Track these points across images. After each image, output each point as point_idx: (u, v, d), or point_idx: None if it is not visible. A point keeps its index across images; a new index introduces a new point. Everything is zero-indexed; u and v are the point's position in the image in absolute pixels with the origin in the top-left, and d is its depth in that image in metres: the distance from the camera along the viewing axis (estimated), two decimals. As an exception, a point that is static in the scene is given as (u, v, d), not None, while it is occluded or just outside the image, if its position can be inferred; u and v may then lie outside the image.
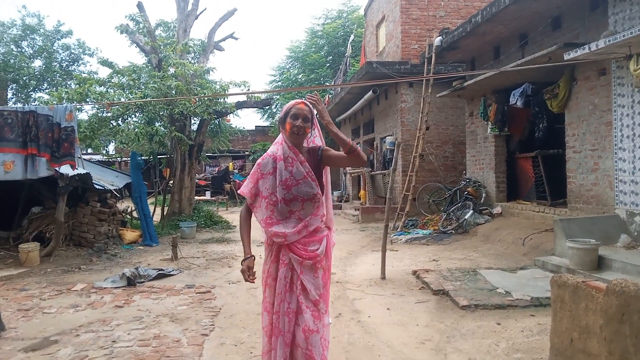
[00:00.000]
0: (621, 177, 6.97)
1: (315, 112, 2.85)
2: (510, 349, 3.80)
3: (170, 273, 6.94)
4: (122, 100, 10.81)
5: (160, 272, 6.84)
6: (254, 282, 2.82)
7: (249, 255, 2.80)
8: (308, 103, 2.84)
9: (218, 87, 11.98)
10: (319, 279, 2.78)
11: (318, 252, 2.75)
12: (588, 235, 6.42)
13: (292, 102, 2.89)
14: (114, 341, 4.14)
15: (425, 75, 11.66)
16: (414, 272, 6.57)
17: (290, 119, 2.79)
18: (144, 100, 10.40)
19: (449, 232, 10.08)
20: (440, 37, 11.44)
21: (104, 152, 17.07)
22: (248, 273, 2.79)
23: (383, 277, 6.42)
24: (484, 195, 10.92)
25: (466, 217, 10.14)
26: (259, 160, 2.87)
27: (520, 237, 8.06)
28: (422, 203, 12.61)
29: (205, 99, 11.35)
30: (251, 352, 3.88)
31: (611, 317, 2.72)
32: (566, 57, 6.84)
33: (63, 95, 10.87)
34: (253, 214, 2.86)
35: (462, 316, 4.70)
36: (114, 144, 17.30)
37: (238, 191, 2.94)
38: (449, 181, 13.03)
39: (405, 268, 7.04)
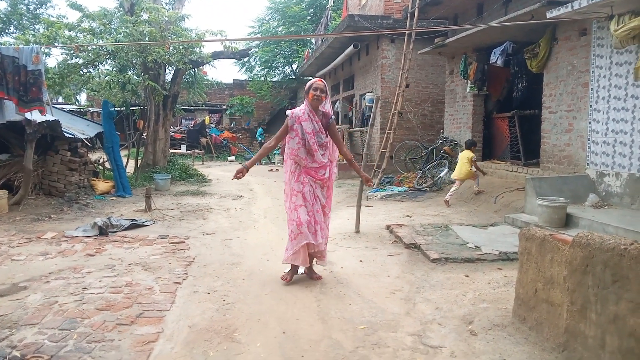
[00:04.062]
0: (594, 138, 7.09)
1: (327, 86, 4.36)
2: (477, 299, 3.91)
3: (144, 224, 6.88)
4: (93, 44, 10.35)
5: (133, 222, 6.77)
6: (235, 179, 4.21)
7: (247, 165, 4.23)
8: (323, 80, 4.36)
9: (194, 35, 11.56)
10: (324, 193, 4.38)
11: (325, 177, 4.32)
12: (558, 194, 6.58)
13: (313, 79, 4.32)
14: (84, 288, 4.11)
15: (407, 29, 11.46)
16: (388, 227, 6.66)
17: (312, 91, 4.20)
18: (114, 44, 9.97)
19: (423, 189, 10.20)
20: (424, -8, 11.17)
21: (75, 101, 16.50)
22: (238, 174, 4.17)
23: (357, 231, 6.49)
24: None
25: (441, 175, 10.25)
26: (289, 112, 4.30)
27: (493, 196, 8.21)
28: (398, 161, 12.68)
29: (181, 47, 10.96)
30: (224, 300, 3.90)
31: (575, 269, 2.81)
32: (549, 15, 6.77)
33: (30, 38, 10.35)
34: (287, 141, 4.29)
35: (432, 269, 4.81)
36: (85, 92, 16.74)
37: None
38: (426, 139, 13.09)
39: (379, 223, 7.12)
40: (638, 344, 2.34)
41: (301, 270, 4.63)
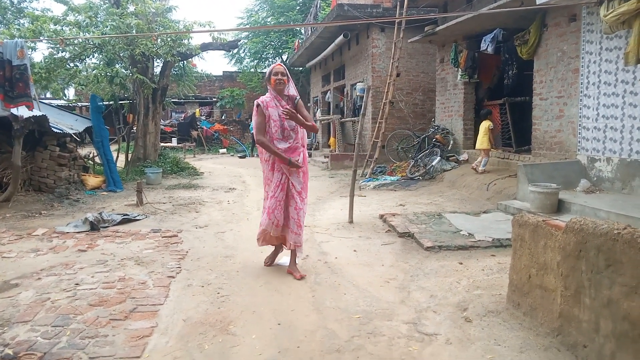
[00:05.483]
0: (584, 123, 7.11)
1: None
2: (471, 286, 3.92)
3: (136, 218, 6.83)
4: (79, 37, 10.20)
5: (125, 217, 6.71)
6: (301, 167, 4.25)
7: (289, 158, 4.17)
8: (282, 64, 4.42)
9: (181, 26, 11.44)
10: (300, 178, 4.30)
11: (300, 161, 4.23)
12: (550, 180, 6.60)
13: (272, 65, 4.25)
14: (77, 284, 4.07)
15: (397, 17, 11.40)
16: (381, 216, 6.66)
17: (273, 76, 4.17)
18: (100, 37, 9.83)
19: (416, 178, 10.21)
20: (413, -21, 11.10)
21: (63, 96, 16.31)
22: (298, 167, 4.21)
23: (351, 221, 6.49)
24: (451, 142, 11.03)
25: (433, 163, 10.26)
26: (258, 101, 4.22)
27: (485, 183, 8.23)
28: (390, 150, 12.67)
29: (169, 39, 10.83)
30: (218, 293, 3.88)
31: (568, 254, 2.81)
32: (538, 1, 6.75)
33: (15, 33, 10.18)
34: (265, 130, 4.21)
35: (426, 257, 4.82)
36: (73, 87, 16.54)
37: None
38: (417, 128, 13.09)
39: (372, 212, 7.12)
40: (632, 327, 2.36)
41: (284, 259, 4.62)
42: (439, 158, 10.35)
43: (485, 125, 9.01)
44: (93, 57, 11.47)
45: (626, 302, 2.40)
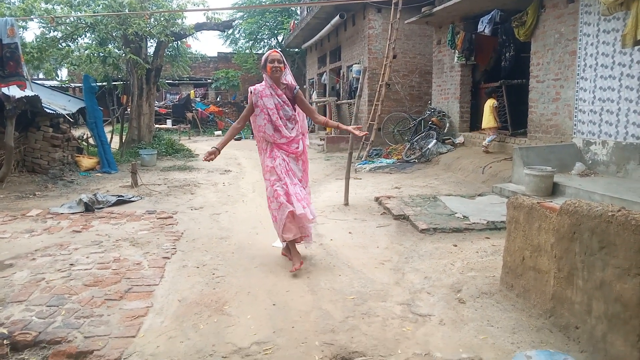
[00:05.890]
0: (581, 106, 7.10)
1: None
2: (465, 268, 3.95)
3: (130, 199, 6.81)
4: (70, 16, 10.03)
5: (119, 198, 6.69)
6: (206, 161, 4.03)
7: (218, 147, 4.05)
8: (278, 50, 4.09)
9: (175, 5, 11.26)
10: (300, 166, 4.17)
11: (298, 150, 4.12)
12: (545, 164, 6.61)
13: (268, 52, 4.05)
14: (71, 264, 4.06)
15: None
16: (376, 199, 6.67)
17: (269, 63, 3.96)
18: (92, 15, 9.67)
19: (412, 161, 10.20)
20: (411, -41, 10.94)
21: (56, 76, 16.08)
22: (210, 156, 3.99)
23: (346, 204, 6.49)
24: (447, 125, 11.00)
25: (429, 146, 10.25)
26: (252, 88, 4.09)
27: (480, 166, 8.24)
28: (387, 133, 12.64)
29: (162, 19, 10.67)
30: (213, 274, 3.89)
31: (562, 236, 2.82)
32: (537, -19, 6.68)
33: (4, 11, 9.99)
34: (253, 119, 4.10)
35: (421, 239, 4.83)
36: (65, 68, 16.33)
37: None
38: (414, 111, 13.04)
39: (368, 195, 7.13)
40: (624, 308, 2.38)
41: (278, 242, 4.45)
42: (434, 141, 10.33)
43: (489, 103, 8.93)
44: (85, 36, 11.33)
45: (619, 284, 2.42)
